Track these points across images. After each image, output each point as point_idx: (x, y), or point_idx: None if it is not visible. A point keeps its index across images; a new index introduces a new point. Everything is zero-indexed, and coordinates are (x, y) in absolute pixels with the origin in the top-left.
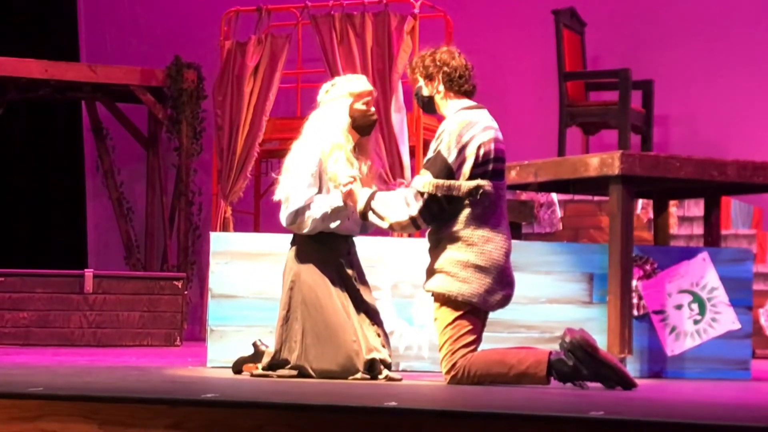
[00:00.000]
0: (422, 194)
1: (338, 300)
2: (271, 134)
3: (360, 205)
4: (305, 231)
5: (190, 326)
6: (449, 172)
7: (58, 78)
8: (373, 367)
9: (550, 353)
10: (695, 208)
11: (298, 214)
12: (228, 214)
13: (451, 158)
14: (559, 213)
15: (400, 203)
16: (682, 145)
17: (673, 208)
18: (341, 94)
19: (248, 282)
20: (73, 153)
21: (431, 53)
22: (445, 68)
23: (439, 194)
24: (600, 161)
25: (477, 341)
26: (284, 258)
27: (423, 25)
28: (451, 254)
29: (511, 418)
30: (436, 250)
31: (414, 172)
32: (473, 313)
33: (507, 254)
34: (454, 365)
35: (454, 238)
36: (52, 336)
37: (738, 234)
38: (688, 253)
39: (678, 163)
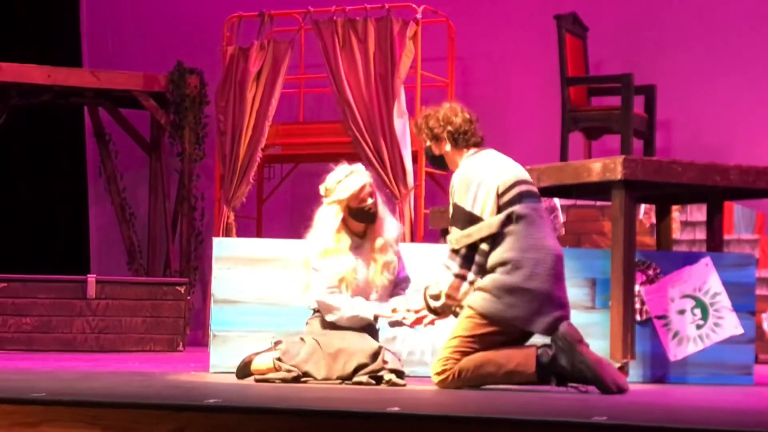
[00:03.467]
0: (456, 251)
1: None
2: (274, 139)
3: (424, 308)
4: (331, 319)
5: (192, 331)
6: (472, 219)
7: (60, 83)
8: (376, 356)
9: (537, 347)
10: (698, 213)
11: (328, 304)
12: (230, 219)
13: (468, 206)
14: (561, 218)
15: (443, 272)
16: (684, 150)
17: (676, 213)
18: (333, 200)
19: (251, 287)
20: (76, 158)
21: (434, 113)
22: (449, 128)
23: (471, 242)
24: (602, 166)
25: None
26: (286, 263)
27: (425, 31)
28: (497, 277)
29: (514, 423)
30: (484, 268)
31: (416, 177)
32: (499, 334)
33: (556, 275)
34: (445, 369)
35: (499, 263)
36: (54, 341)
37: (741, 239)
38: (691, 258)
39: (680, 168)
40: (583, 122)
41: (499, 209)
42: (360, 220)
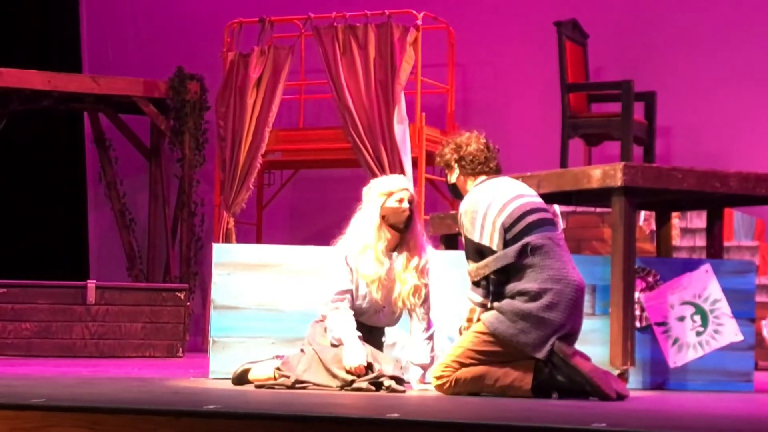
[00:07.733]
0: (477, 283)
1: None
2: (274, 145)
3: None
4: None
5: (192, 337)
6: (482, 250)
7: (60, 89)
8: (372, 367)
9: (535, 363)
10: (698, 219)
11: (326, 312)
12: (230, 225)
13: (476, 237)
14: (561, 224)
15: (467, 305)
16: (684, 156)
17: (676, 220)
18: (374, 195)
19: (250, 293)
20: (76, 164)
21: (450, 141)
22: (456, 155)
23: (488, 272)
24: (602, 173)
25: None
26: (286, 269)
27: (426, 37)
28: (515, 302)
29: (514, 429)
30: (501, 296)
31: (416, 183)
32: (503, 354)
33: (574, 306)
34: (443, 375)
35: (519, 293)
36: (54, 347)
37: (740, 246)
38: (691, 265)
39: (680, 174)
40: (583, 129)
41: (509, 242)
42: (392, 222)
